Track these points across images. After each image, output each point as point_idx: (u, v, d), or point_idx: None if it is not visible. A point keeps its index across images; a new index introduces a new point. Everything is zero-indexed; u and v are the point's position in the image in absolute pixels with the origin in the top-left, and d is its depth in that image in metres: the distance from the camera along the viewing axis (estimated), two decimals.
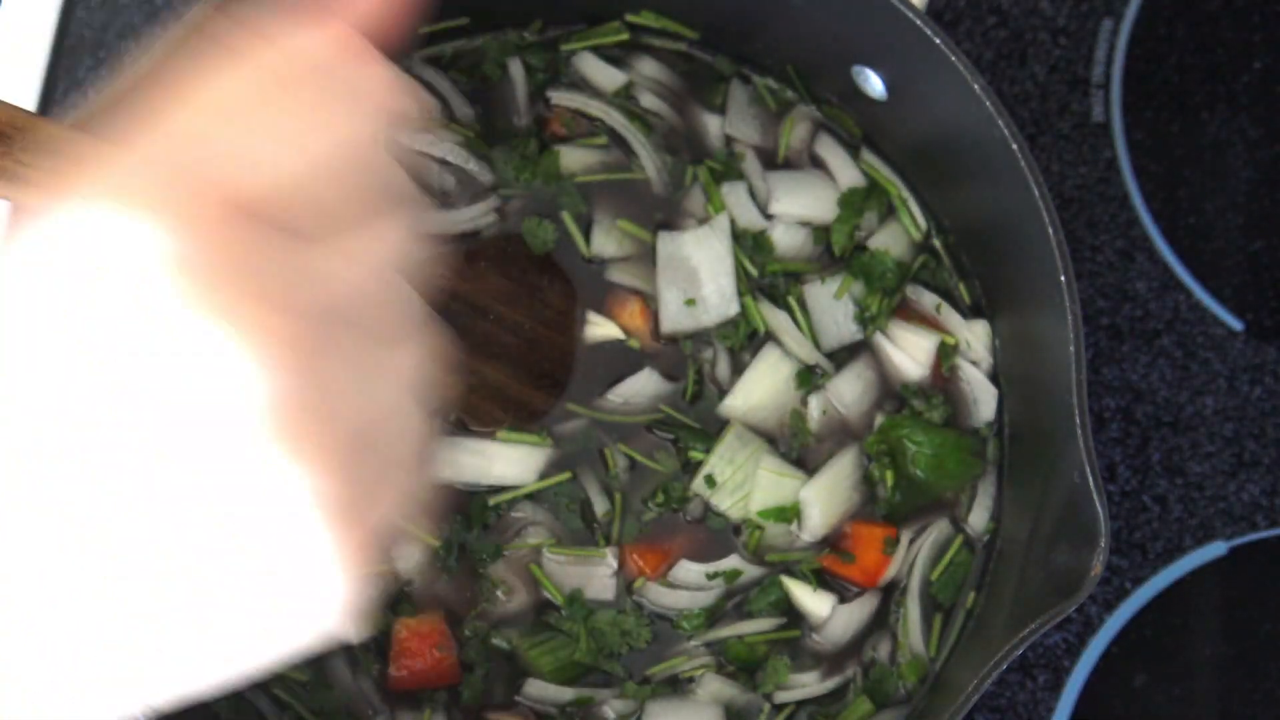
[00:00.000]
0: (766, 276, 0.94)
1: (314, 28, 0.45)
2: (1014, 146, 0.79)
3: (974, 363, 0.93)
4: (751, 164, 0.96)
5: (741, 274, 0.94)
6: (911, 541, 0.91)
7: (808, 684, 0.89)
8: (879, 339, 0.94)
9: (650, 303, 0.94)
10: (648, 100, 0.97)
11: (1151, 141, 1.06)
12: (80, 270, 0.38)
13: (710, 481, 0.90)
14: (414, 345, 0.46)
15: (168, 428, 0.38)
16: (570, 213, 0.95)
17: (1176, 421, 1.01)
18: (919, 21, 0.80)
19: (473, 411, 0.91)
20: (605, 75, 0.97)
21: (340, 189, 0.44)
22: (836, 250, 0.95)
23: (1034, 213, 0.78)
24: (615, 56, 0.99)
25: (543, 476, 0.91)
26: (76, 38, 1.07)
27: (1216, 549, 0.99)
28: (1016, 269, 0.86)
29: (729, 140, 0.97)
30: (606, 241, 0.95)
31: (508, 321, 0.91)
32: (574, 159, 0.96)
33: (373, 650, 0.89)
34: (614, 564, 0.90)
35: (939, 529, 0.92)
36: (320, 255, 0.42)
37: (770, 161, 0.97)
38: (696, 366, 0.93)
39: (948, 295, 0.95)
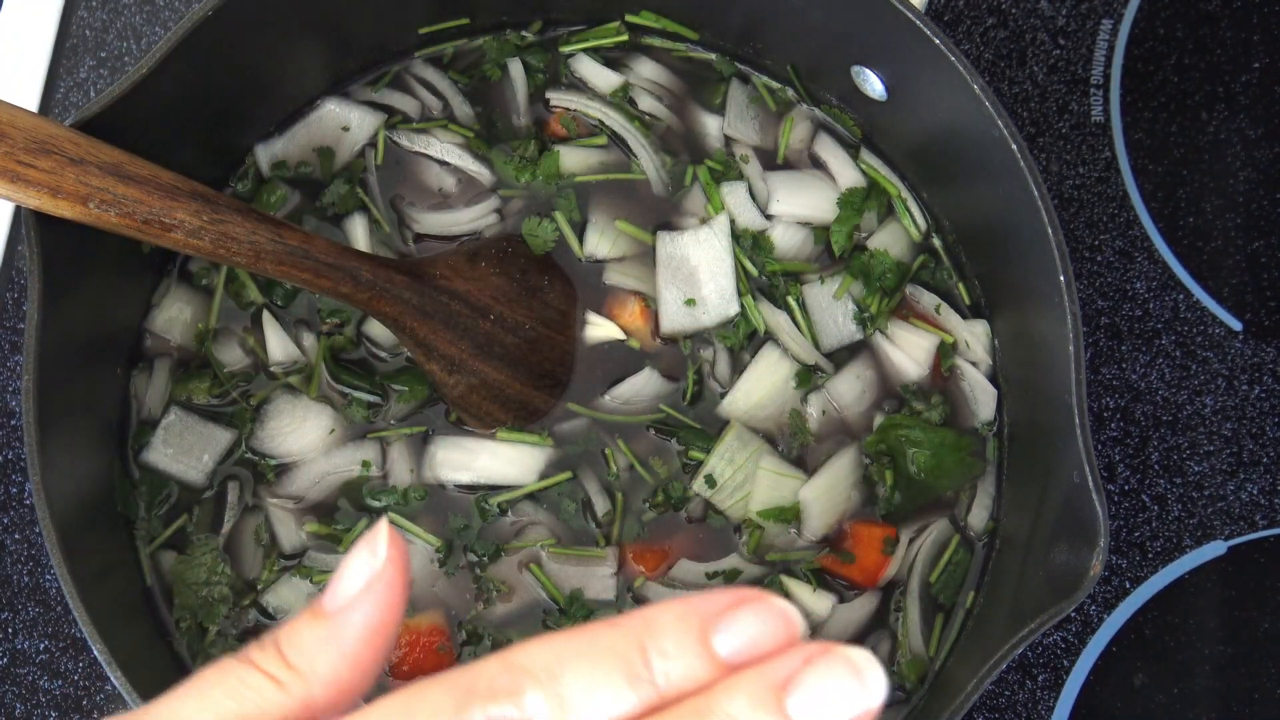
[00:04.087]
0: (766, 276, 0.94)
1: None
2: (1014, 146, 0.79)
3: (973, 363, 0.94)
4: (751, 164, 0.97)
5: (741, 274, 0.94)
6: (911, 541, 0.91)
7: None
8: (878, 339, 0.94)
9: (650, 303, 0.94)
10: (646, 103, 0.97)
11: (1151, 141, 1.06)
12: None
13: (710, 481, 0.90)
14: None
15: None
16: (565, 214, 0.95)
17: (1175, 421, 1.01)
18: (919, 22, 0.80)
19: (473, 411, 0.91)
20: (602, 77, 0.98)
21: None
22: (836, 250, 0.95)
23: (1034, 213, 0.78)
24: (614, 58, 0.99)
25: (543, 476, 0.91)
26: (76, 38, 1.07)
27: (1216, 548, 0.99)
28: (1016, 269, 0.86)
29: (728, 141, 0.97)
30: (600, 242, 0.95)
31: (508, 321, 0.91)
32: (574, 159, 0.96)
33: None
34: (614, 564, 0.90)
35: (938, 529, 0.92)
36: None
37: (770, 162, 0.97)
38: (696, 366, 0.93)
39: (948, 295, 0.95)
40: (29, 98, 1.05)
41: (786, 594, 0.90)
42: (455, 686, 0.41)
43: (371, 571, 0.45)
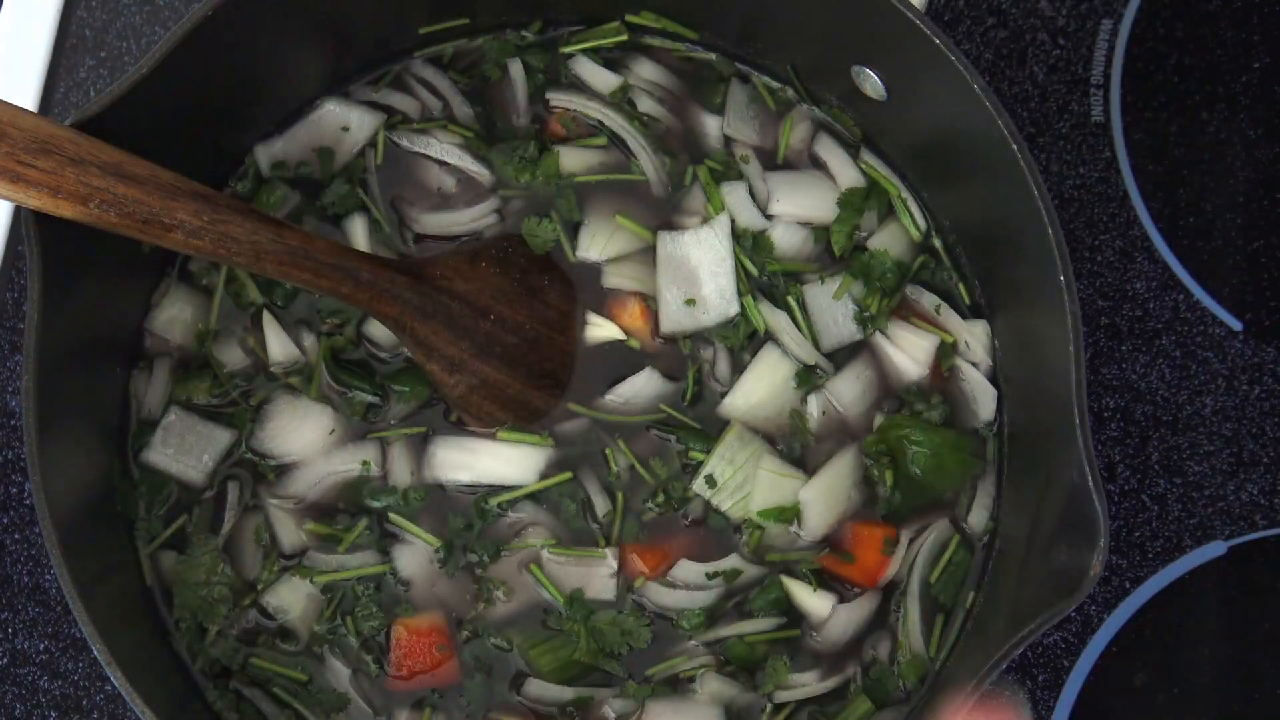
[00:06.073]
0: (766, 276, 0.94)
1: None
2: (1014, 146, 0.79)
3: (973, 363, 0.94)
4: (751, 164, 0.97)
5: (741, 274, 0.94)
6: (911, 541, 0.91)
7: (807, 683, 0.89)
8: (879, 339, 0.94)
9: (650, 303, 0.94)
10: (645, 104, 0.97)
11: (1151, 141, 1.06)
12: None
13: (711, 482, 0.90)
14: None
15: None
16: (564, 214, 0.95)
17: (1175, 421, 1.01)
18: (919, 22, 0.80)
19: (473, 411, 0.91)
20: (601, 78, 0.97)
21: None
22: (836, 250, 0.95)
23: (1034, 213, 0.78)
24: (613, 59, 0.99)
25: (543, 476, 0.91)
26: (76, 38, 1.07)
27: (1216, 549, 1.00)
28: (1016, 269, 0.86)
29: (728, 140, 0.97)
30: (593, 244, 0.95)
31: (508, 322, 0.91)
32: (573, 160, 0.96)
33: (373, 650, 0.89)
34: (614, 564, 0.90)
35: (939, 529, 0.92)
36: None
37: (770, 162, 0.97)
38: (696, 366, 0.93)
39: (948, 295, 0.95)
40: (29, 98, 1.05)
41: (786, 594, 0.90)
42: None
43: None
